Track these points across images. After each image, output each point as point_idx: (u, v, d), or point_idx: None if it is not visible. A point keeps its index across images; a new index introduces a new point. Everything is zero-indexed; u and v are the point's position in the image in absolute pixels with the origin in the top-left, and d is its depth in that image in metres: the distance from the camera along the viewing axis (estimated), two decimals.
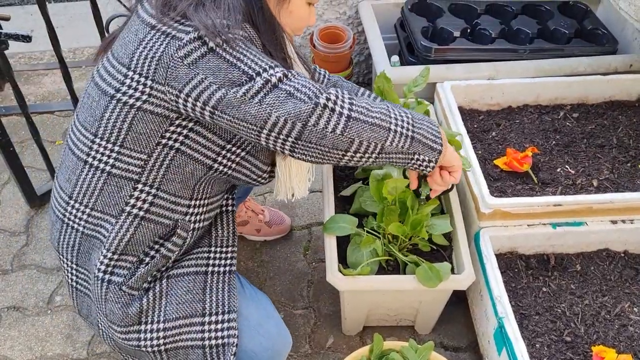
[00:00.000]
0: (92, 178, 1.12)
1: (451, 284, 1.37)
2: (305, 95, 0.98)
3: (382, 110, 1.06)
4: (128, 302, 1.15)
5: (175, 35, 0.99)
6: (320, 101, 0.98)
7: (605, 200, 1.45)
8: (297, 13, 1.14)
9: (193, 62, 0.97)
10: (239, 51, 0.98)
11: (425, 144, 1.10)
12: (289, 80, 0.99)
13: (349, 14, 2.28)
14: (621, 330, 1.37)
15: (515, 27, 1.98)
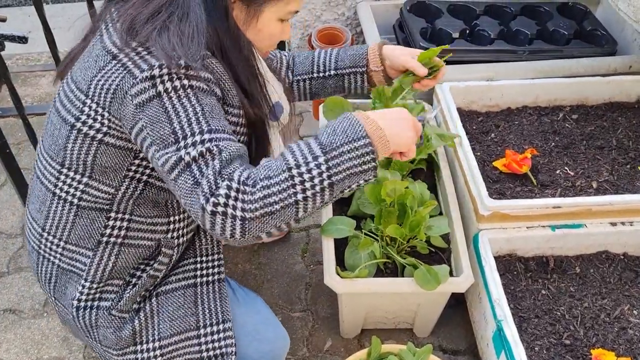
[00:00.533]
0: (63, 211, 1.10)
1: (449, 286, 1.36)
2: (202, 193, 0.90)
3: (282, 179, 0.91)
4: (119, 325, 1.14)
5: (131, 69, 0.95)
6: (208, 208, 0.89)
7: (605, 202, 1.44)
8: (266, 30, 1.10)
9: (140, 105, 0.95)
10: (183, 102, 0.94)
11: (351, 174, 0.95)
12: (205, 161, 0.92)
13: (347, 14, 2.27)
14: (621, 333, 1.36)
15: (514, 28, 1.97)
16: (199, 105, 0.96)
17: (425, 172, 1.65)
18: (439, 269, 1.35)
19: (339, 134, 0.94)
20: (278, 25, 1.10)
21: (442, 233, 1.44)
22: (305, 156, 0.92)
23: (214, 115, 0.97)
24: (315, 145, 0.94)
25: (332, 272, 1.36)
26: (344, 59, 1.44)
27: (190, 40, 0.96)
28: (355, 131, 0.94)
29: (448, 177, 1.59)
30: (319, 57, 1.47)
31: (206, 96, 0.98)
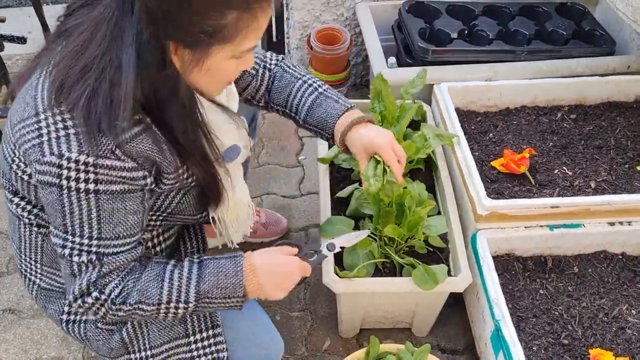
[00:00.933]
0: (30, 235, 1.10)
1: (447, 286, 1.36)
2: (73, 290, 0.99)
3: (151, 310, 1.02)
4: (108, 337, 1.15)
5: (43, 145, 0.90)
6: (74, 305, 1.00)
7: (603, 202, 1.45)
8: (218, 71, 0.97)
9: (41, 182, 0.92)
10: (81, 205, 0.92)
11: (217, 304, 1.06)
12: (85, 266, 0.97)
13: (346, 15, 2.27)
14: (619, 332, 1.37)
15: (512, 29, 1.97)
16: (97, 211, 0.94)
17: (423, 172, 1.65)
18: (437, 268, 1.35)
19: (220, 288, 1.04)
20: (232, 63, 0.97)
21: (440, 233, 1.44)
22: (179, 296, 1.02)
23: (112, 220, 0.96)
24: (193, 291, 1.02)
25: (330, 272, 1.36)
26: (314, 115, 1.29)
27: (120, 110, 0.88)
28: (235, 291, 1.04)
29: (446, 177, 1.59)
30: (294, 97, 1.32)
31: (110, 199, 0.94)
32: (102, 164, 0.89)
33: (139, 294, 1.01)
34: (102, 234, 0.96)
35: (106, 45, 0.88)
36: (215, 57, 0.93)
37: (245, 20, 0.90)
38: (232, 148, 1.12)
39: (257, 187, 2.09)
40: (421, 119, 1.78)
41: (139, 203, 0.99)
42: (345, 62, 2.19)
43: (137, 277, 1.02)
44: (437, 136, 1.58)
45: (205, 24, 0.87)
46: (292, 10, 2.27)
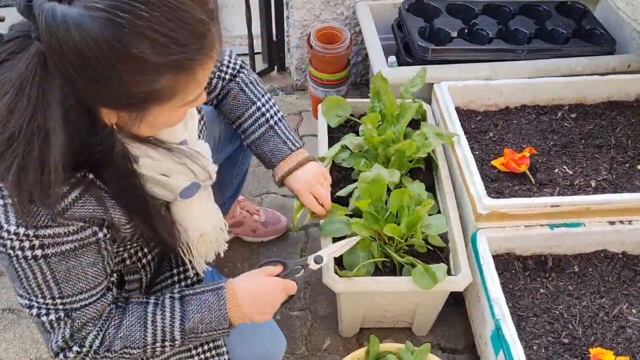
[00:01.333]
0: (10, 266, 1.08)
1: (447, 285, 1.36)
2: (55, 343, 0.98)
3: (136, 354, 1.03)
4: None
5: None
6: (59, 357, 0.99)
7: (603, 201, 1.44)
8: (163, 122, 0.91)
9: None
10: (33, 270, 0.91)
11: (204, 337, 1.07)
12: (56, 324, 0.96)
13: (346, 14, 2.27)
14: (619, 331, 1.36)
15: (512, 27, 1.97)
16: (51, 273, 0.92)
17: (423, 171, 1.65)
18: (437, 267, 1.35)
19: (205, 323, 1.05)
20: (177, 112, 0.90)
21: (440, 232, 1.44)
22: (164, 336, 1.03)
23: (70, 278, 0.94)
24: (178, 329, 1.03)
25: (330, 271, 1.36)
26: (259, 148, 1.34)
27: (52, 180, 0.82)
28: (220, 324, 1.06)
29: (446, 176, 1.59)
30: (245, 121, 1.34)
31: (63, 259, 0.91)
32: (43, 234, 0.87)
33: (123, 340, 1.01)
34: (63, 292, 0.95)
35: (31, 110, 0.79)
36: (156, 113, 0.86)
37: (182, 80, 0.83)
38: (189, 187, 1.06)
39: (257, 186, 2.09)
40: (421, 118, 1.78)
41: (96, 254, 0.97)
42: (345, 61, 2.19)
43: (117, 323, 1.02)
44: (437, 135, 1.58)
45: (136, 91, 0.80)
46: (292, 9, 2.26)
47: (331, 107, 1.68)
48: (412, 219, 1.34)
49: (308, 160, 1.36)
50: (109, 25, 0.73)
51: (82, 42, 0.73)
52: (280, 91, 2.52)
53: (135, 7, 0.74)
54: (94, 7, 0.73)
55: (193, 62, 0.81)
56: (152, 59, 0.77)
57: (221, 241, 1.25)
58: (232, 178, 1.63)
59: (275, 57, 2.56)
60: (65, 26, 0.73)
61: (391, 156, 1.52)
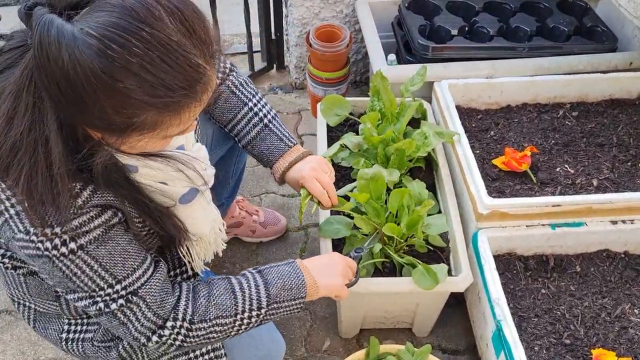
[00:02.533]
0: (13, 276, 1.08)
1: (448, 286, 1.35)
2: (136, 331, 0.99)
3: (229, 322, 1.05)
4: (105, 354, 1.15)
5: (9, 222, 0.88)
6: (151, 341, 1.00)
7: (605, 200, 1.43)
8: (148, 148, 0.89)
9: (29, 255, 0.89)
10: (78, 265, 0.90)
11: (280, 317, 1.12)
12: (130, 310, 0.97)
13: (345, 12, 2.25)
14: (621, 332, 1.35)
15: (513, 25, 1.95)
16: (96, 262, 0.92)
17: (424, 170, 1.64)
18: (438, 268, 1.33)
19: (286, 289, 1.09)
20: (160, 142, 0.89)
21: (440, 232, 1.42)
22: (252, 303, 1.06)
23: (116, 261, 0.94)
24: (264, 295, 1.07)
25: None
26: (255, 147, 1.33)
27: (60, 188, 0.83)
28: (299, 291, 1.11)
29: (447, 175, 1.57)
30: (238, 122, 1.33)
31: (99, 245, 0.91)
32: (69, 227, 0.87)
33: (216, 308, 1.03)
34: (117, 277, 0.94)
35: (30, 118, 0.80)
36: (136, 139, 0.85)
37: (165, 118, 0.81)
38: (188, 192, 1.06)
39: (256, 186, 2.08)
40: (421, 117, 1.76)
41: (126, 233, 0.97)
42: (344, 59, 2.17)
43: (206, 294, 1.05)
44: (437, 134, 1.56)
45: (116, 120, 0.78)
46: (291, 7, 2.25)
47: (330, 106, 1.66)
48: (412, 219, 1.33)
49: (308, 153, 1.34)
50: (100, 55, 0.72)
51: (70, 64, 0.72)
52: (279, 90, 2.50)
53: (130, 43, 0.73)
54: (90, 33, 0.72)
55: (179, 104, 0.80)
56: (137, 96, 0.76)
57: (219, 242, 1.24)
58: (228, 177, 1.62)
59: (275, 55, 2.55)
60: (57, 45, 0.72)
61: (391, 155, 1.51)
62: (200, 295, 1.04)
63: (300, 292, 1.11)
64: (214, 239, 1.21)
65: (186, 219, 1.09)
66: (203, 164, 1.08)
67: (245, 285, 1.07)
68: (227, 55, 2.65)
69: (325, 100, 1.67)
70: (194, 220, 1.11)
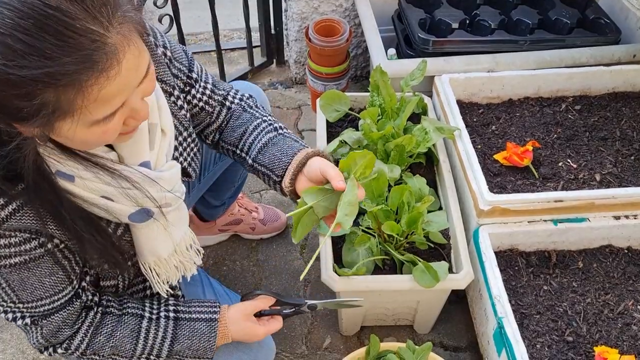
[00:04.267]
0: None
1: (449, 283, 1.33)
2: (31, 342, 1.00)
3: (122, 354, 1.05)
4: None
5: None
6: (43, 354, 1.02)
7: (608, 195, 1.41)
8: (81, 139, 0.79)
9: None
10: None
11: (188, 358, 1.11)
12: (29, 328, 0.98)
13: (345, 6, 2.23)
14: (624, 329, 1.34)
15: (515, 18, 1.93)
16: (5, 282, 0.91)
17: (424, 166, 1.62)
18: (438, 265, 1.32)
19: (192, 349, 1.09)
20: (92, 131, 0.78)
21: (441, 228, 1.41)
22: (151, 352, 1.06)
23: (25, 287, 0.92)
24: (166, 349, 1.07)
25: (329, 269, 1.34)
26: (265, 154, 1.15)
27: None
28: (206, 352, 1.10)
29: (448, 171, 1.56)
30: (250, 134, 1.18)
31: (14, 271, 0.89)
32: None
33: (113, 349, 1.04)
34: (21, 298, 0.93)
35: None
36: (65, 130, 0.76)
37: (68, 96, 0.71)
38: (137, 212, 0.96)
39: (257, 182, 2.07)
40: (422, 112, 1.74)
41: (52, 264, 0.93)
42: (344, 54, 2.15)
43: (108, 332, 1.03)
44: (437, 129, 1.55)
45: (19, 106, 0.70)
46: (290, 1, 2.23)
47: (329, 101, 1.65)
48: (412, 216, 1.31)
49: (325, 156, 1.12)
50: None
51: None
52: (279, 85, 2.49)
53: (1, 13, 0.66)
54: None
55: (77, 78, 0.70)
56: (17, 72, 0.67)
57: (189, 265, 1.14)
58: (235, 180, 1.61)
59: (274, 50, 2.53)
60: None
61: (391, 151, 1.49)
62: (102, 332, 1.03)
63: (207, 353, 1.11)
64: (179, 262, 1.12)
65: (140, 238, 1.03)
66: (164, 187, 0.98)
67: (152, 334, 1.06)
68: (227, 50, 2.64)
69: (324, 95, 1.65)
70: (148, 240, 1.03)
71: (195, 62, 1.16)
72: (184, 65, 1.11)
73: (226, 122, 1.22)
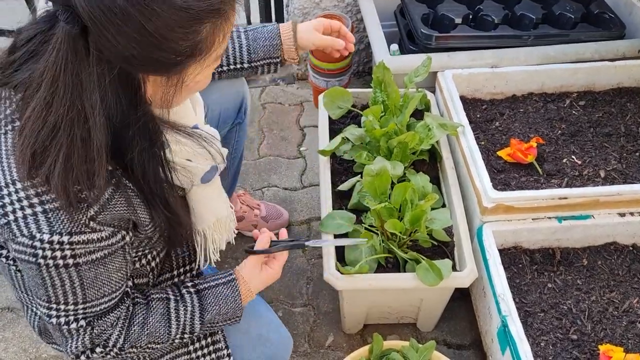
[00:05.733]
0: (17, 275, 1.06)
1: (453, 281, 1.33)
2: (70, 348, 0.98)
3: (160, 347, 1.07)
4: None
5: (11, 225, 0.86)
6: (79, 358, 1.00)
7: (613, 192, 1.40)
8: (196, 83, 0.93)
9: (19, 258, 0.89)
10: (62, 277, 0.90)
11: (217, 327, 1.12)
12: (75, 331, 0.97)
13: (347, 1, 2.22)
14: (629, 327, 1.33)
15: (519, 13, 1.91)
16: (79, 280, 0.91)
17: (427, 163, 1.61)
18: (442, 264, 1.31)
19: (222, 314, 1.10)
20: (207, 71, 0.92)
21: (444, 226, 1.40)
22: (185, 329, 1.07)
23: (96, 284, 0.94)
24: (198, 322, 1.08)
25: (331, 268, 1.33)
26: (257, 50, 1.35)
27: (97, 167, 0.83)
28: (235, 313, 1.12)
29: (451, 168, 1.55)
30: (227, 48, 1.35)
31: (92, 267, 0.91)
32: (77, 240, 0.86)
33: (148, 336, 1.04)
34: (87, 297, 0.94)
35: (69, 98, 0.79)
36: (192, 73, 0.89)
37: (219, 26, 0.85)
38: (210, 170, 1.08)
39: (259, 179, 2.06)
40: (425, 108, 1.73)
41: (122, 259, 0.97)
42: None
43: (141, 321, 1.03)
44: (441, 126, 1.53)
45: (181, 46, 0.81)
46: None
47: (332, 98, 1.63)
48: (415, 214, 1.30)
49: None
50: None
51: (127, 2, 0.74)
52: (281, 81, 2.47)
53: None
54: None
55: (227, 6, 0.83)
56: (194, 5, 0.78)
57: (232, 227, 1.25)
58: (228, 162, 1.60)
59: None
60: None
61: (394, 148, 1.48)
62: (135, 322, 1.03)
63: (236, 313, 1.12)
64: (227, 224, 1.22)
65: (204, 200, 1.11)
66: (218, 142, 1.11)
67: (182, 312, 1.07)
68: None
69: (327, 93, 1.64)
70: (211, 201, 1.13)
71: None
72: None
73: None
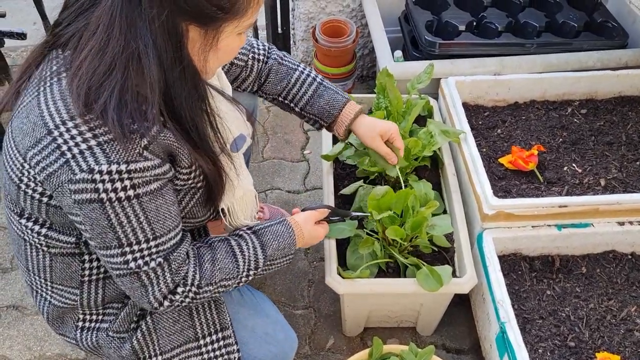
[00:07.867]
0: (38, 256, 1.08)
1: (452, 287, 1.34)
2: (153, 295, 1.01)
3: (232, 284, 1.11)
4: (119, 345, 1.15)
5: (70, 162, 0.88)
6: (165, 304, 1.03)
7: (612, 201, 1.41)
8: (226, 48, 0.99)
9: (79, 202, 0.90)
10: (127, 213, 0.92)
11: (276, 265, 1.19)
12: (154, 272, 0.99)
13: (352, 6, 2.23)
14: (627, 335, 1.34)
15: (522, 21, 1.93)
16: (144, 213, 0.94)
17: (429, 169, 1.62)
18: (442, 269, 1.33)
19: (280, 249, 1.18)
20: (237, 39, 0.99)
21: (445, 232, 1.41)
22: (250, 265, 1.13)
23: (159, 217, 0.97)
24: (261, 257, 1.14)
25: (333, 272, 1.35)
26: (314, 106, 1.41)
27: (150, 103, 0.89)
28: (290, 249, 1.20)
29: (452, 174, 1.56)
30: (293, 86, 1.40)
31: (152, 198, 0.94)
32: (134, 168, 0.90)
33: (220, 272, 1.08)
34: (156, 233, 0.97)
35: (123, 39, 0.87)
36: (225, 34, 0.95)
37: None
38: (240, 137, 1.14)
39: (262, 181, 2.08)
40: (427, 114, 1.75)
41: (173, 194, 1.01)
42: (351, 54, 2.16)
43: (210, 258, 1.08)
44: (443, 132, 1.55)
45: (222, 1, 0.89)
46: (297, 1, 2.23)
47: None
48: (416, 220, 1.32)
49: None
50: None
51: None
52: None
53: None
54: None
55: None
56: None
57: (255, 202, 1.30)
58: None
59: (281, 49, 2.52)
60: None
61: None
62: (205, 260, 1.07)
63: (291, 249, 1.20)
64: (253, 201, 1.27)
65: (232, 171, 1.13)
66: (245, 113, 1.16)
67: (245, 248, 1.12)
68: None
69: None
70: (238, 171, 1.16)
71: None
72: None
73: (265, 76, 1.40)
